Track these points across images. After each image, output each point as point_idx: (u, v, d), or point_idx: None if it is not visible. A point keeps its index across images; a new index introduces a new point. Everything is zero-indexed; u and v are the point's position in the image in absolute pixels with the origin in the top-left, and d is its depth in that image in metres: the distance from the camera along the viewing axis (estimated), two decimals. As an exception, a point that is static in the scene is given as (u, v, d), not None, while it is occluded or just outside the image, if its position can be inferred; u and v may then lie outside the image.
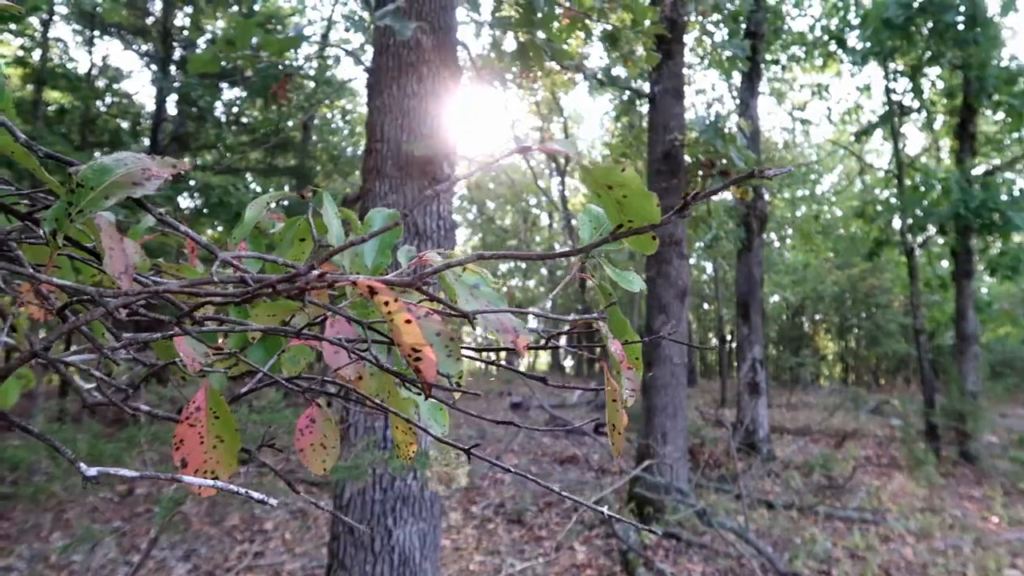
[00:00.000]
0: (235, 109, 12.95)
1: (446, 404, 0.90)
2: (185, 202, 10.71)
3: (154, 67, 11.70)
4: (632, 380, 0.68)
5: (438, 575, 3.76)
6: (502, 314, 0.69)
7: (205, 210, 10.49)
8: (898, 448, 10.80)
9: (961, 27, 9.89)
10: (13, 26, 9.97)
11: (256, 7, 12.55)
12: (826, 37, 13.31)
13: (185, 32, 12.03)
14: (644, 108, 9.20)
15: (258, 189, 12.90)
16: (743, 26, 10.98)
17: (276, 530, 6.58)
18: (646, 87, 8.49)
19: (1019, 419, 14.52)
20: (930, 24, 10.22)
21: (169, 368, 1.05)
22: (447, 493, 7.86)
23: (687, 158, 7.94)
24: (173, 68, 11.41)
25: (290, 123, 13.65)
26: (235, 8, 11.66)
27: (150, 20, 11.88)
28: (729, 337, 21.83)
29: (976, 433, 10.27)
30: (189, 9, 12.00)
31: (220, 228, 10.83)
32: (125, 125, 12.21)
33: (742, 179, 0.47)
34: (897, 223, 12.02)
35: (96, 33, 11.33)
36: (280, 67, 3.95)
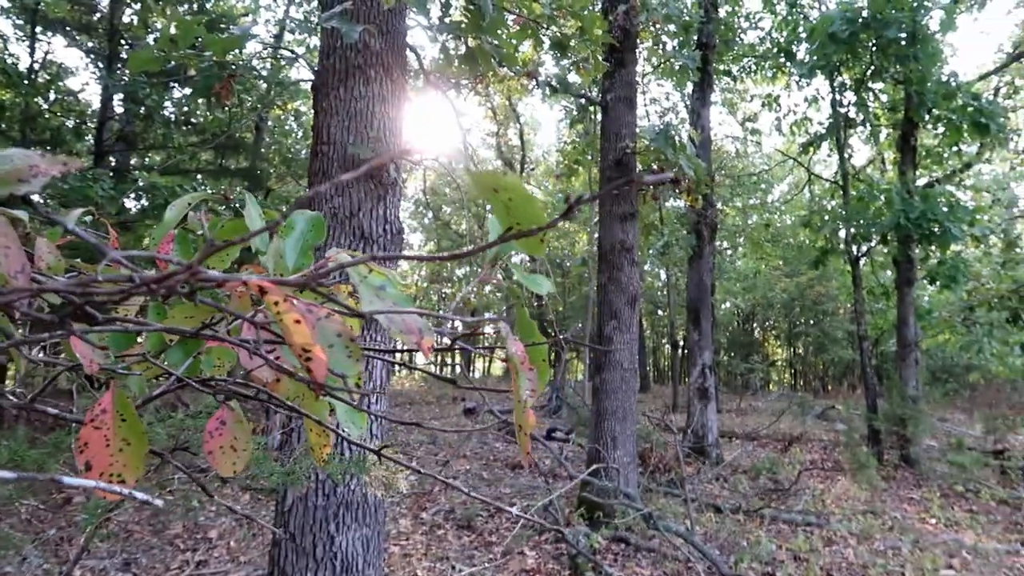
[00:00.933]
0: (185, 109, 12.71)
1: (350, 405, 0.90)
2: (131, 203, 10.47)
3: (100, 64, 11.43)
4: (532, 381, 0.69)
5: (382, 581, 3.73)
6: (407, 315, 0.69)
7: (154, 211, 10.26)
8: (842, 452, 11.06)
9: (903, 43, 10.20)
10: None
11: (208, 5, 12.35)
12: (776, 50, 13.62)
13: (132, 29, 11.77)
14: (599, 116, 9.31)
15: (209, 191, 12.66)
16: (695, 37, 11.17)
17: (221, 538, 6.45)
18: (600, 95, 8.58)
19: (958, 423, 14.99)
20: (874, 39, 10.53)
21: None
22: (396, 499, 7.80)
23: (639, 165, 8.04)
24: (120, 66, 11.15)
25: (242, 123, 13.45)
26: (185, 6, 11.45)
27: (96, 16, 11.60)
28: (681, 343, 22.12)
29: (916, 437, 10.56)
30: (137, 6, 11.75)
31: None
32: (69, 123, 11.89)
33: (619, 183, 0.49)
34: (843, 232, 12.34)
35: (39, 28, 11.01)
36: (234, 67, 3.89)
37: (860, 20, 10.25)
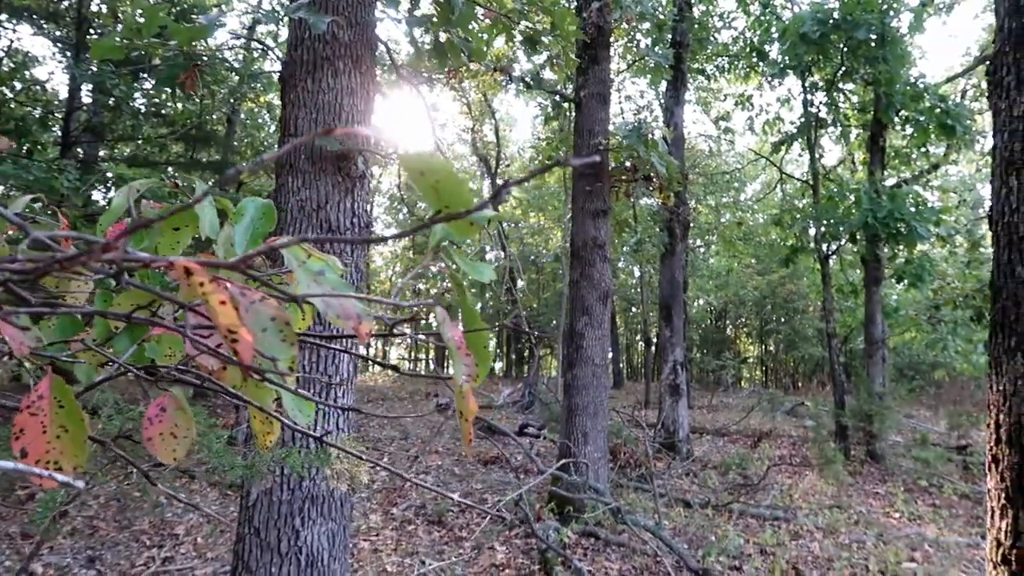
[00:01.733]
0: (155, 100, 12.51)
1: (292, 391, 0.90)
2: (98, 195, 10.29)
3: (67, 54, 11.23)
4: (470, 366, 0.69)
5: (348, 576, 3.71)
6: (345, 300, 0.69)
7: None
8: (810, 448, 11.20)
9: (872, 44, 10.34)
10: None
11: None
12: (748, 49, 13.73)
13: (100, 19, 11.58)
14: (573, 112, 9.34)
15: (179, 183, 12.45)
16: (669, 36, 11.23)
17: (188, 535, 6.38)
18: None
19: (923, 420, 15.26)
20: (844, 41, 10.66)
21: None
22: (366, 494, 7.77)
23: (612, 162, 8.07)
24: (88, 55, 10.96)
25: (213, 115, 13.28)
26: (155, -5, 11.26)
27: (63, 4, 11.38)
28: (654, 339, 22.27)
29: (882, 433, 10.73)
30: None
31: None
32: (35, 113, 11.65)
33: (546, 167, 0.49)
34: (812, 231, 12.48)
35: (4, 16, 10.78)
36: (204, 58, 3.84)
37: (831, 21, 10.37)
